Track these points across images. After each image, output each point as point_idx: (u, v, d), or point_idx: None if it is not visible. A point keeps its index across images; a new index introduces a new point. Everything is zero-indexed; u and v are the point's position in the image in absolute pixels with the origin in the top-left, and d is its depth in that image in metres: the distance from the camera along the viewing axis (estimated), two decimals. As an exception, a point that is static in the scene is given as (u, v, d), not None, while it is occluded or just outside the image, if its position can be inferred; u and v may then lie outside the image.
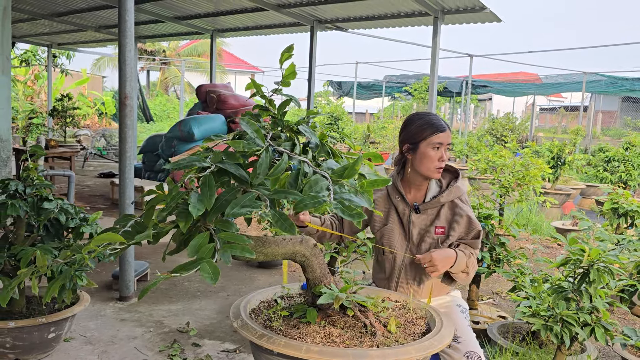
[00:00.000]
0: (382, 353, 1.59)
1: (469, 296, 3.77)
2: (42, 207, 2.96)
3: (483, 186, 8.71)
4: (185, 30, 9.78)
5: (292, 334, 1.72)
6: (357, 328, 1.77)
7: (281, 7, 7.47)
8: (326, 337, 1.70)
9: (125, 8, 3.79)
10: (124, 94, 3.85)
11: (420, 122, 2.33)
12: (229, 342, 3.42)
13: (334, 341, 1.68)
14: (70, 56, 14.54)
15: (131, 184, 3.93)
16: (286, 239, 1.75)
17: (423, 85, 17.99)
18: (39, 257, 2.74)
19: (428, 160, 2.29)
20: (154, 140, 8.56)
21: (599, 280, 2.37)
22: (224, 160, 1.55)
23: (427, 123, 2.31)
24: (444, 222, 2.34)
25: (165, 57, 28.87)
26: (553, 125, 29.84)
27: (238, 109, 8.39)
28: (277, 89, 1.74)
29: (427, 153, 2.29)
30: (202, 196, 1.45)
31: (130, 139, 3.90)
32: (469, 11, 6.60)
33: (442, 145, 2.29)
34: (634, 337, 2.66)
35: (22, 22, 10.11)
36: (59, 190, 7.29)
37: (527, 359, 2.83)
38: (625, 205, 4.44)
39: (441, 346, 1.69)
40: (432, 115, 2.35)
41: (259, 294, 2.03)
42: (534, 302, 2.69)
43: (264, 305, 1.98)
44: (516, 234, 3.68)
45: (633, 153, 9.16)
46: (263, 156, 1.51)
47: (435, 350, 1.67)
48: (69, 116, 11.35)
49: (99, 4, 8.18)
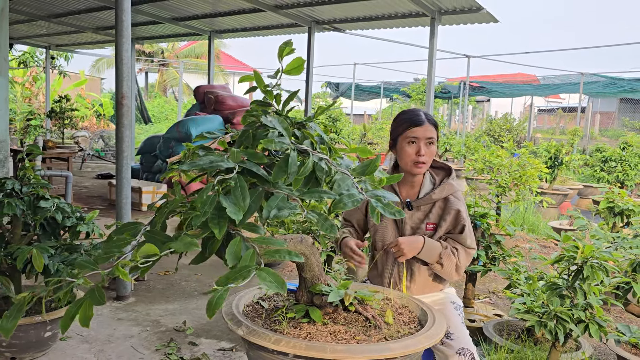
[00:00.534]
0: (403, 345, 1.61)
1: (465, 294, 3.78)
2: (38, 206, 2.97)
3: (480, 186, 8.73)
4: (183, 31, 9.80)
5: (299, 334, 1.67)
6: (358, 323, 1.78)
7: (278, 7, 7.48)
8: (335, 335, 1.68)
9: (122, 8, 3.80)
10: (121, 94, 3.86)
11: (400, 118, 2.36)
12: (226, 341, 3.42)
13: (344, 338, 1.66)
14: (69, 58, 14.52)
15: (128, 184, 3.94)
16: (287, 239, 1.73)
17: (421, 86, 18.01)
18: (35, 256, 2.75)
19: (405, 155, 2.31)
20: (151, 142, 8.57)
21: (592, 276, 2.38)
22: (246, 160, 1.47)
23: (404, 118, 2.34)
24: (436, 219, 2.36)
25: (164, 59, 28.88)
26: (551, 126, 29.88)
27: (236, 110, 8.40)
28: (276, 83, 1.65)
29: (404, 148, 2.31)
30: (235, 199, 1.36)
31: (127, 138, 3.91)
32: (465, 12, 6.62)
33: (419, 139, 2.29)
34: (628, 334, 2.67)
35: (20, 24, 10.12)
36: (57, 191, 7.29)
37: (522, 356, 2.84)
38: (621, 204, 4.45)
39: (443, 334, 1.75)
40: (413, 111, 2.37)
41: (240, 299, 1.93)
42: (528, 299, 2.70)
43: (250, 308, 1.92)
44: (512, 233, 3.70)
45: (630, 153, 9.18)
46: (293, 155, 1.45)
47: (441, 336, 1.73)
48: (67, 118, 11.35)
49: (96, 5, 8.19)
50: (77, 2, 8.21)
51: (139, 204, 7.02)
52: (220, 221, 1.35)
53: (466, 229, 2.32)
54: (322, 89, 25.07)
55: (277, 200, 1.41)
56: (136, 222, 1.54)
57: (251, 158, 1.47)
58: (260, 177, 1.47)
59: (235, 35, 9.71)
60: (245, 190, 1.38)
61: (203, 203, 1.35)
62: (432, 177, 2.44)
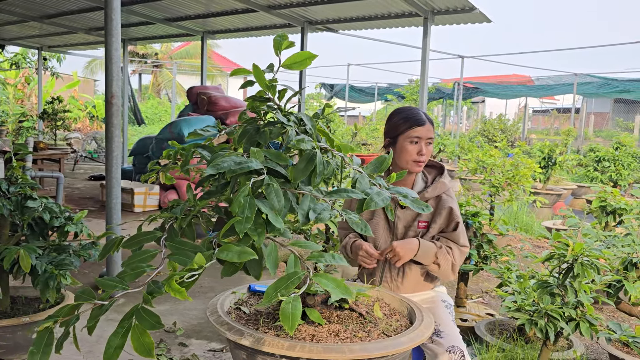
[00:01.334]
0: (410, 338, 1.63)
1: (457, 294, 3.77)
2: (26, 205, 2.94)
3: (474, 187, 8.74)
4: (176, 32, 9.77)
5: (304, 337, 1.62)
6: (352, 320, 1.76)
7: (271, 8, 7.47)
8: (336, 334, 1.64)
9: (111, 7, 3.78)
10: (111, 93, 3.84)
11: (400, 117, 2.34)
12: (216, 342, 3.40)
13: (346, 337, 1.64)
14: (61, 59, 14.46)
15: (118, 184, 3.91)
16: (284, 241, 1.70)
17: (415, 87, 18.02)
18: (22, 256, 2.72)
19: (406, 154, 2.29)
20: (144, 143, 8.53)
21: (583, 274, 2.37)
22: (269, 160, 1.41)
23: (405, 117, 2.32)
24: (427, 217, 2.34)
25: (158, 60, 28.83)
26: (545, 127, 29.97)
27: (229, 111, 8.37)
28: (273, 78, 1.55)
29: (405, 147, 2.29)
30: (271, 203, 1.30)
31: (116, 138, 3.88)
32: (458, 12, 6.62)
33: (421, 139, 2.29)
34: (619, 331, 2.66)
35: (12, 25, 10.06)
36: (48, 192, 7.26)
37: (513, 355, 2.82)
38: (613, 203, 4.45)
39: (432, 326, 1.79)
40: (412, 110, 2.35)
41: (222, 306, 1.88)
42: (519, 297, 2.69)
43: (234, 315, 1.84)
44: (504, 231, 3.69)
45: (623, 153, 9.21)
46: (319, 155, 1.40)
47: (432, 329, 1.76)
48: (59, 119, 11.30)
49: (88, 5, 8.15)
50: (69, 3, 8.17)
51: (131, 205, 6.98)
52: (258, 227, 1.28)
53: (459, 227, 2.31)
54: (317, 90, 25.05)
55: (308, 202, 1.38)
56: (151, 232, 1.46)
57: (274, 158, 1.41)
58: (285, 177, 1.41)
59: (228, 36, 9.69)
60: (280, 193, 1.32)
61: (242, 207, 1.26)
62: (424, 176, 2.43)
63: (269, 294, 1.27)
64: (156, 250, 1.38)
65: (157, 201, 7.24)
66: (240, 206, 1.26)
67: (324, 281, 1.29)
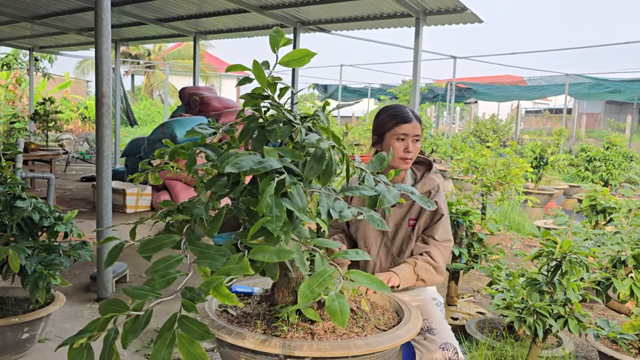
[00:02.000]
0: (406, 331, 1.67)
1: (448, 292, 3.78)
2: (15, 205, 2.93)
3: (466, 186, 8.76)
4: (168, 32, 9.74)
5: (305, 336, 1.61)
6: None
7: (263, 8, 7.46)
8: (333, 331, 1.64)
9: (101, 6, 3.76)
10: (101, 93, 3.82)
11: (386, 114, 2.34)
12: (207, 342, 3.39)
13: (343, 332, 1.64)
14: (52, 60, 14.39)
15: (109, 184, 3.90)
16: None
17: (407, 87, 18.05)
18: (11, 256, 2.71)
19: (393, 151, 2.29)
20: (136, 143, 8.50)
21: (571, 272, 2.38)
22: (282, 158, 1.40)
23: (392, 114, 2.32)
24: (416, 214, 2.35)
25: (150, 61, 28.75)
26: (538, 127, 30.09)
27: (221, 111, 8.36)
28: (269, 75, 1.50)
29: (392, 144, 2.29)
30: (294, 202, 1.29)
31: (107, 138, 3.86)
32: (450, 12, 6.64)
33: (408, 136, 2.29)
34: (607, 328, 2.68)
35: (3, 25, 10.02)
36: (39, 193, 7.23)
37: (502, 353, 2.84)
38: (603, 201, 4.48)
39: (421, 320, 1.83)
40: (399, 107, 2.36)
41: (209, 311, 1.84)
42: (508, 295, 2.70)
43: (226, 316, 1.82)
44: (494, 230, 3.70)
45: (614, 152, 9.26)
46: (333, 154, 1.41)
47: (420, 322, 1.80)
48: (51, 120, 11.24)
49: (79, 6, 8.12)
50: (59, 3, 8.13)
51: (123, 206, 6.95)
52: (284, 226, 1.26)
53: (441, 220, 2.32)
54: (310, 91, 25.05)
55: (326, 200, 1.38)
56: (169, 236, 1.43)
57: (289, 156, 1.39)
58: (298, 176, 1.40)
59: (221, 37, 9.67)
60: (302, 192, 1.32)
61: (269, 207, 1.24)
62: (413, 173, 2.44)
63: (304, 293, 1.27)
64: (180, 255, 1.37)
65: (150, 202, 7.22)
66: (268, 206, 1.24)
67: (359, 277, 1.32)
